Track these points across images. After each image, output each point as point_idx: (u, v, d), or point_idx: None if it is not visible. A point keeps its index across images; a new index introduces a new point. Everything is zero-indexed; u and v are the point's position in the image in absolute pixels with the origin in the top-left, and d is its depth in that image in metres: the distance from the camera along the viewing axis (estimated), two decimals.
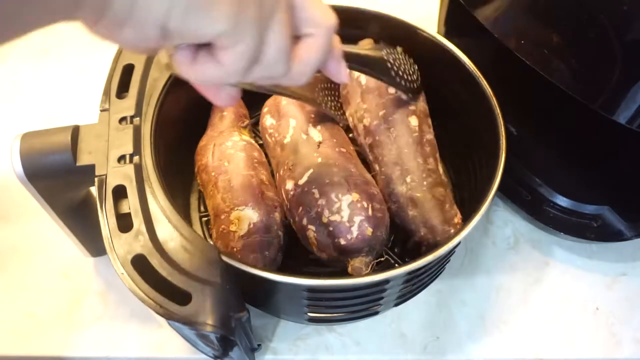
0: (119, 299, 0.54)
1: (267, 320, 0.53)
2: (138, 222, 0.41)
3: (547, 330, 0.52)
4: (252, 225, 0.46)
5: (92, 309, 0.54)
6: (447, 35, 0.57)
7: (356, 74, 0.53)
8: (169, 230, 0.41)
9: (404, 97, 0.51)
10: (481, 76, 0.50)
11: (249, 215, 0.47)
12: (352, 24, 0.56)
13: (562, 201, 0.55)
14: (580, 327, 0.52)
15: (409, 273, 0.41)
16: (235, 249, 0.45)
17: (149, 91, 0.48)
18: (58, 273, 0.56)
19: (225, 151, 0.51)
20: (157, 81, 0.49)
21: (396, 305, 0.49)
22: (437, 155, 0.51)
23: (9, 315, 0.53)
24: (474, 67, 0.50)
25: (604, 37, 0.41)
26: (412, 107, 0.50)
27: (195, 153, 0.56)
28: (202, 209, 0.58)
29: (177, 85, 0.50)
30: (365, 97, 0.52)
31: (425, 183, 0.48)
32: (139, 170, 0.43)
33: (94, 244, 0.54)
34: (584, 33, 0.42)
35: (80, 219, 0.50)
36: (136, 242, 0.40)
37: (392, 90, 0.51)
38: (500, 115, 0.47)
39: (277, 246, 0.47)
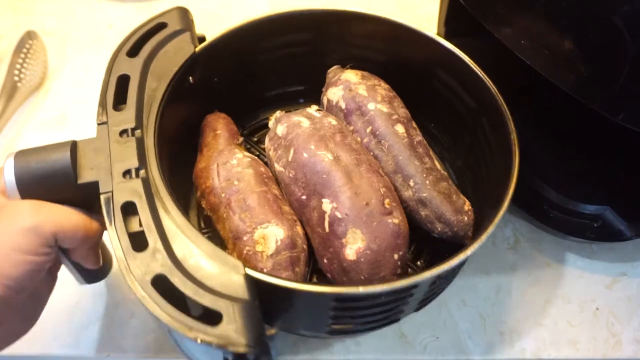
0: (119, 299, 0.54)
1: None
2: (153, 239, 0.38)
3: (547, 330, 0.52)
4: (279, 242, 0.45)
5: (93, 308, 0.54)
6: (447, 36, 0.57)
7: (335, 98, 0.54)
8: (188, 246, 0.38)
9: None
10: (491, 84, 0.49)
11: (275, 232, 0.45)
12: (352, 28, 0.56)
13: (562, 201, 0.55)
14: (580, 327, 0.52)
15: (439, 275, 0.40)
16: (265, 270, 0.44)
17: (148, 102, 0.46)
18: (58, 272, 0.53)
19: (232, 170, 0.49)
20: (156, 91, 0.47)
21: (417, 310, 0.48)
22: (431, 152, 0.53)
23: None
24: (485, 76, 0.50)
25: (604, 37, 0.41)
26: (394, 117, 0.52)
27: (194, 175, 0.53)
28: (202, 225, 0.55)
29: (175, 96, 0.48)
30: (349, 119, 0.54)
31: (427, 182, 0.50)
32: (147, 184, 0.41)
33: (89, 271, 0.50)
34: (585, 33, 0.42)
35: None
36: (154, 261, 0.37)
37: (371, 106, 0.52)
38: (515, 137, 0.46)
39: (305, 260, 0.46)
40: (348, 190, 0.46)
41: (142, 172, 0.41)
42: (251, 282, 0.37)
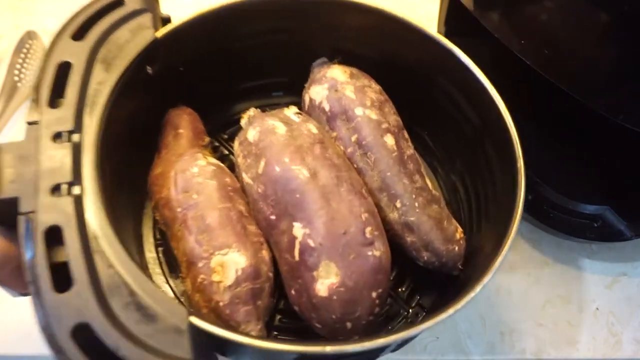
0: None
1: None
2: (80, 275, 0.31)
3: (547, 330, 0.52)
4: (240, 272, 0.39)
5: None
6: (447, 35, 0.53)
7: (318, 98, 0.48)
8: (124, 287, 0.32)
9: None
10: (500, 100, 0.44)
11: (235, 260, 0.40)
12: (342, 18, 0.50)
13: (562, 201, 0.55)
14: (580, 327, 0.52)
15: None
16: (221, 303, 0.39)
17: (92, 97, 0.39)
18: None
19: (192, 180, 0.42)
20: (103, 85, 0.39)
21: (395, 351, 0.43)
22: (422, 169, 0.48)
23: (10, 315, 0.50)
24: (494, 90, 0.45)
25: (604, 37, 0.41)
26: (384, 125, 0.47)
27: (149, 182, 0.46)
28: (157, 235, 0.49)
29: (129, 89, 0.41)
30: (332, 124, 0.48)
31: (416, 204, 0.45)
32: (79, 204, 0.34)
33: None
34: (586, 32, 0.42)
35: None
36: (78, 305, 0.30)
37: (359, 111, 0.46)
38: (522, 165, 0.42)
39: (270, 291, 0.41)
40: (324, 215, 0.40)
41: (75, 188, 0.34)
42: (197, 334, 0.31)
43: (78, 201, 0.34)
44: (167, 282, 0.48)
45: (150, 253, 0.49)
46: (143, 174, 0.48)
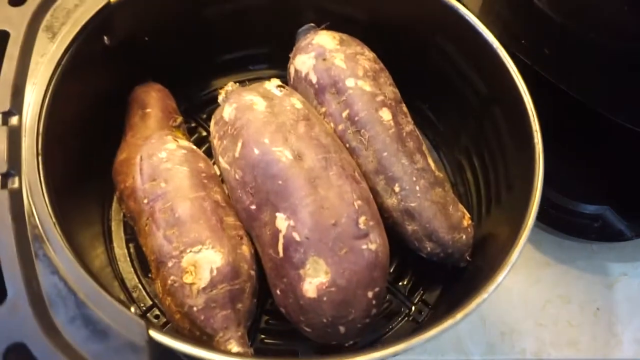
0: None
1: None
2: (15, 287, 0.27)
3: (547, 330, 0.51)
4: (215, 272, 0.35)
5: None
6: None
7: (304, 69, 0.44)
8: (70, 300, 0.27)
9: None
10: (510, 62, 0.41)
11: (210, 258, 0.35)
12: None
13: (563, 201, 0.54)
14: (581, 327, 0.52)
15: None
16: (195, 308, 0.34)
17: (34, 73, 0.33)
18: None
19: (159, 166, 0.38)
20: (47, 57, 0.34)
21: None
22: (423, 147, 0.44)
23: None
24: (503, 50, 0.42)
25: (604, 37, 0.41)
26: (379, 98, 0.43)
27: (113, 170, 0.41)
28: (128, 230, 0.44)
29: (82, 63, 0.36)
30: (321, 98, 0.43)
31: (417, 188, 0.41)
32: (17, 200, 0.29)
33: None
34: (585, 31, 0.42)
35: None
36: (12, 323, 0.26)
37: (350, 82, 0.42)
38: (539, 138, 0.38)
39: (251, 291, 0.37)
40: (311, 204, 0.35)
41: (12, 180, 0.29)
42: (159, 351, 0.26)
43: (15, 195, 0.29)
44: (140, 282, 0.43)
45: (121, 249, 0.44)
46: (112, 160, 0.43)
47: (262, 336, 0.42)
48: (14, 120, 0.31)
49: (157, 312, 0.42)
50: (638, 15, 0.39)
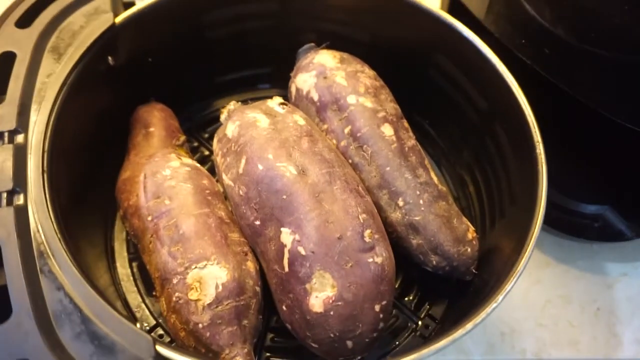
0: None
1: None
2: (21, 302, 0.26)
3: (547, 330, 0.51)
4: (220, 288, 0.34)
5: None
6: None
7: (305, 88, 0.45)
8: (75, 316, 0.26)
9: None
10: (511, 78, 0.41)
11: (215, 274, 0.35)
12: None
13: (563, 201, 0.54)
14: (581, 327, 0.52)
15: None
16: (200, 325, 0.34)
17: (40, 93, 0.34)
18: None
19: (164, 184, 0.38)
20: (53, 77, 0.34)
21: None
22: (426, 161, 0.44)
23: None
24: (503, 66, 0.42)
25: (604, 37, 0.41)
26: (381, 114, 0.43)
27: (116, 189, 0.42)
28: (132, 248, 0.44)
29: (87, 83, 0.36)
30: (323, 116, 0.44)
31: (421, 201, 0.41)
32: (22, 216, 0.29)
33: None
34: (586, 32, 0.42)
35: None
36: (18, 338, 0.25)
37: (352, 99, 0.42)
38: (541, 152, 0.38)
39: (257, 307, 0.37)
40: (316, 218, 0.35)
41: (17, 197, 0.29)
42: None
43: (21, 212, 0.29)
44: (144, 302, 0.42)
45: (124, 269, 0.44)
46: (115, 178, 0.43)
47: (268, 354, 0.41)
48: (19, 138, 0.32)
49: (161, 332, 0.41)
50: (638, 15, 0.39)
